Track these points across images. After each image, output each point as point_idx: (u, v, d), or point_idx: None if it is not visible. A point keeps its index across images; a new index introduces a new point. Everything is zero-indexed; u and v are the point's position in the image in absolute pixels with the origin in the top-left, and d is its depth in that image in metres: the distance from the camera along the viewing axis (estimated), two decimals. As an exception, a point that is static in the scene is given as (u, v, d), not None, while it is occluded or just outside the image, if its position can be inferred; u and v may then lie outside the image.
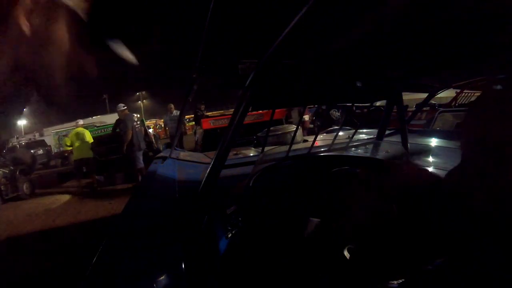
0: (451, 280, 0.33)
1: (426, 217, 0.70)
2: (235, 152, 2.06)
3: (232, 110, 0.75)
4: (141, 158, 4.42)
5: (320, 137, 2.45)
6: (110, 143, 4.89)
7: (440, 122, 4.06)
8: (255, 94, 0.66)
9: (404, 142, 1.28)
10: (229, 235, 0.77)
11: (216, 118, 5.24)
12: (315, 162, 1.23)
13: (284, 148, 1.28)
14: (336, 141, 1.47)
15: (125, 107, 4.52)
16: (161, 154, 1.73)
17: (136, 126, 4.60)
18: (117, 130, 4.39)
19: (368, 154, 1.47)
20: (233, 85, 0.92)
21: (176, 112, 5.47)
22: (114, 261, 0.59)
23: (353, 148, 1.61)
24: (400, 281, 0.50)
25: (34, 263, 2.29)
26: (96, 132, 5.51)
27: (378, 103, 5.38)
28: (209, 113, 6.47)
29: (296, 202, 0.90)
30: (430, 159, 1.45)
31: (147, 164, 1.56)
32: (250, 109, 0.72)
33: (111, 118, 8.39)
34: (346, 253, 0.74)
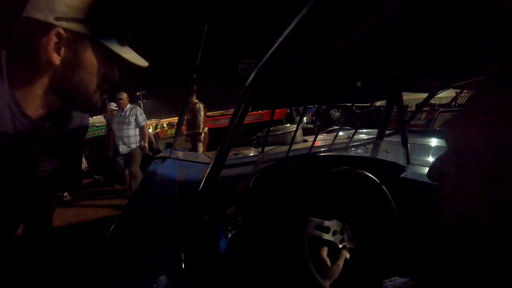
0: (451, 281, 0.33)
1: (427, 218, 0.70)
2: (235, 152, 2.06)
3: (232, 110, 0.75)
4: (122, 162, 3.97)
5: (320, 137, 2.45)
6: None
7: (440, 122, 4.07)
8: (255, 94, 0.66)
9: (404, 142, 1.28)
10: (229, 235, 0.77)
11: (216, 118, 5.23)
12: (315, 162, 1.23)
13: (284, 148, 1.28)
14: (336, 141, 1.47)
15: (116, 108, 4.13)
16: (161, 154, 1.73)
17: None
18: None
19: (368, 154, 1.47)
20: (233, 85, 0.92)
21: (131, 108, 3.53)
22: (114, 261, 0.59)
23: (353, 148, 1.61)
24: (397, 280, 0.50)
25: (34, 263, 2.29)
26: (96, 132, 5.49)
27: (378, 103, 5.39)
28: (209, 113, 6.37)
29: (296, 202, 0.90)
30: (430, 159, 1.45)
31: (147, 164, 1.56)
32: (250, 109, 0.72)
33: (111, 118, 8.33)
34: (346, 254, 0.74)
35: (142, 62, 0.58)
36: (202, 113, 4.14)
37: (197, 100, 4.21)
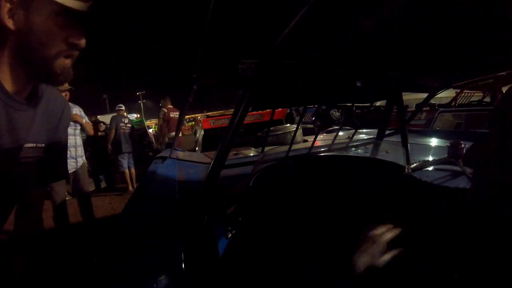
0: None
1: (427, 218, 0.70)
2: (235, 152, 2.06)
3: (232, 110, 0.75)
4: (124, 161, 4.20)
5: (320, 137, 2.45)
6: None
7: (440, 122, 4.07)
8: (255, 94, 0.66)
9: (404, 142, 1.28)
10: (229, 235, 0.77)
11: (216, 118, 5.23)
12: (315, 162, 1.23)
13: (284, 148, 1.28)
14: (336, 141, 1.47)
15: (121, 108, 4.42)
16: (161, 154, 1.73)
17: (124, 126, 4.19)
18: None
19: (368, 154, 1.47)
20: (233, 85, 0.92)
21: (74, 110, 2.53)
22: (114, 261, 0.59)
23: (353, 148, 1.61)
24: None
25: (34, 263, 2.29)
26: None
27: (378, 103, 5.39)
28: (209, 113, 6.35)
29: (295, 202, 0.90)
30: (430, 159, 1.45)
31: (147, 164, 1.56)
32: (250, 109, 0.72)
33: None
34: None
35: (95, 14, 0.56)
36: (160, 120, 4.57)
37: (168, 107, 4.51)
